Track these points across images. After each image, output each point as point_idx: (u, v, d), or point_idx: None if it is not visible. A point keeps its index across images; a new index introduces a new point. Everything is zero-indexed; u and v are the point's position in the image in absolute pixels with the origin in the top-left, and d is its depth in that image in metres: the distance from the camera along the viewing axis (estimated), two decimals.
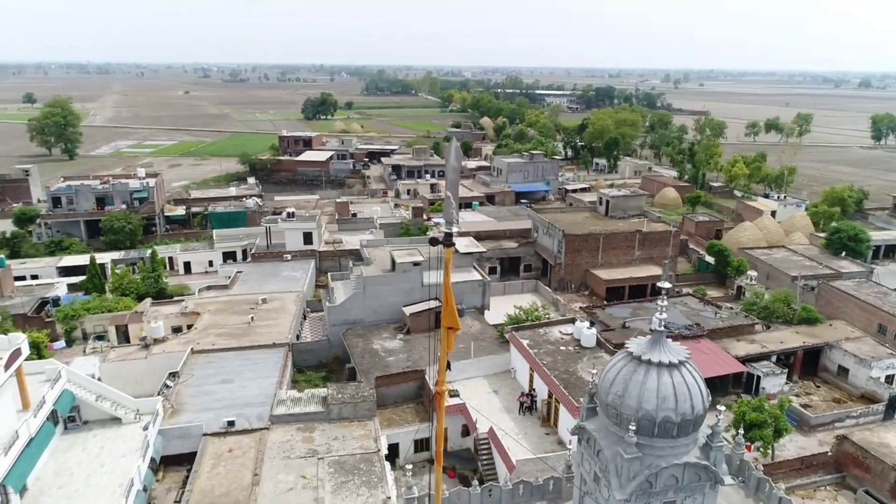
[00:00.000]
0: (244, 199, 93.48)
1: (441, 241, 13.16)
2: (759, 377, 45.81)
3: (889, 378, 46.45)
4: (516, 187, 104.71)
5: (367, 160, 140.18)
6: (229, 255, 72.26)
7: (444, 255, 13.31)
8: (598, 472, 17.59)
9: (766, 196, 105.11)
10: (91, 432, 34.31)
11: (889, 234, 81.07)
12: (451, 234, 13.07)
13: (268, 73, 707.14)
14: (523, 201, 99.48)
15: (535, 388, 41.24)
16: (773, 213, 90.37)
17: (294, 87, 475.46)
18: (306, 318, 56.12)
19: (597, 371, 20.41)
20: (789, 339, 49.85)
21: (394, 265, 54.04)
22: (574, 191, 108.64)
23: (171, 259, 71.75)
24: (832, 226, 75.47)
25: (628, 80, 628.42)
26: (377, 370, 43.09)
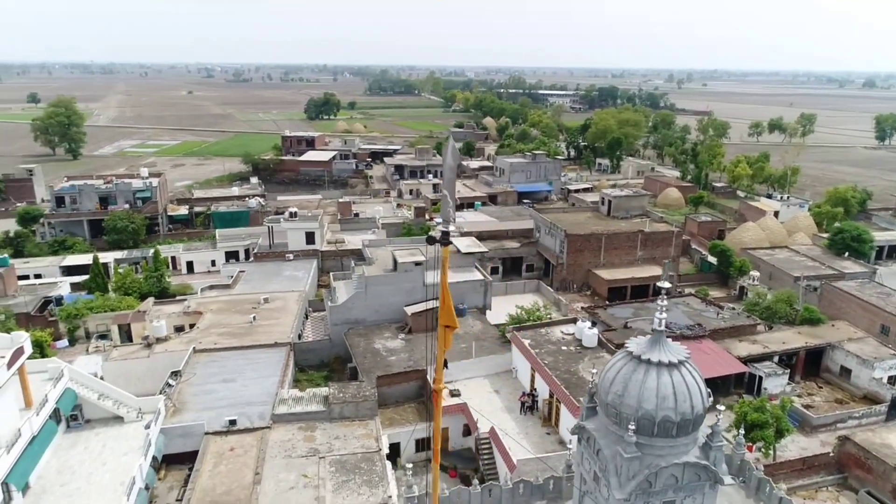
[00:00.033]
0: (247, 198, 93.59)
1: (438, 239, 13.18)
2: (761, 378, 45.79)
3: (892, 379, 46.35)
4: (519, 187, 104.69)
5: (370, 160, 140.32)
6: (232, 255, 72.47)
7: (441, 254, 13.34)
8: (598, 471, 17.59)
9: (769, 196, 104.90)
10: (93, 431, 34.47)
11: (892, 235, 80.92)
12: (447, 233, 13.09)
13: (271, 73, 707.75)
14: (526, 201, 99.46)
15: (536, 388, 41.24)
16: (776, 214, 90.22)
17: (297, 87, 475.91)
18: (308, 318, 56.20)
19: (597, 371, 20.40)
20: (791, 339, 49.78)
21: (396, 265, 54.12)
22: (576, 191, 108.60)
23: (173, 258, 71.96)
24: (835, 226, 75.31)
25: (631, 80, 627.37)
26: (379, 370, 43.18)
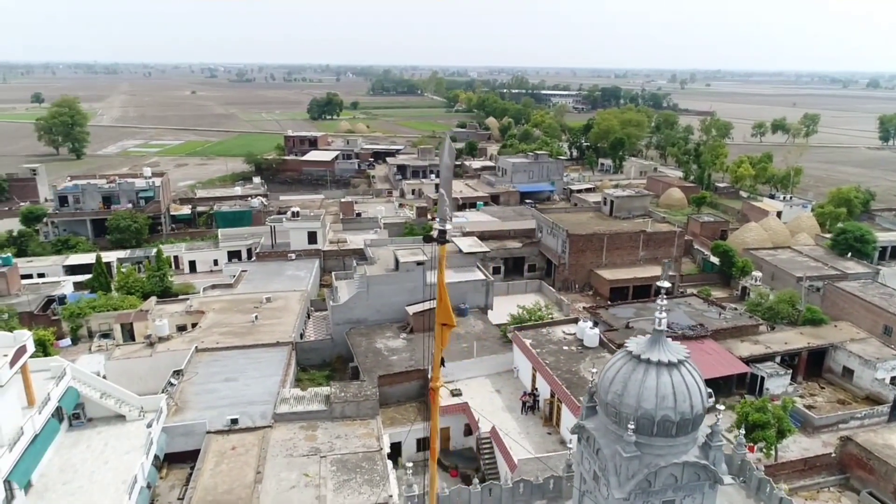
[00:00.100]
0: (249, 198, 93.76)
1: (435, 238, 13.19)
2: (763, 378, 45.73)
3: (894, 380, 46.21)
4: (521, 187, 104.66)
5: (373, 160, 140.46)
6: (234, 254, 72.57)
7: (438, 252, 13.35)
8: (598, 470, 17.60)
9: (772, 197, 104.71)
10: (95, 429, 34.57)
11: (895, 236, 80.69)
12: (444, 232, 13.09)
13: (274, 73, 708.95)
14: (528, 201, 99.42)
15: (537, 388, 41.23)
16: (779, 214, 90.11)
17: (300, 87, 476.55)
18: (310, 317, 56.24)
19: (597, 370, 20.41)
20: (794, 339, 49.69)
21: (397, 265, 54.14)
22: (579, 191, 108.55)
23: (176, 258, 72.05)
24: (838, 227, 75.14)
25: (635, 80, 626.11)
26: (380, 369, 43.20)
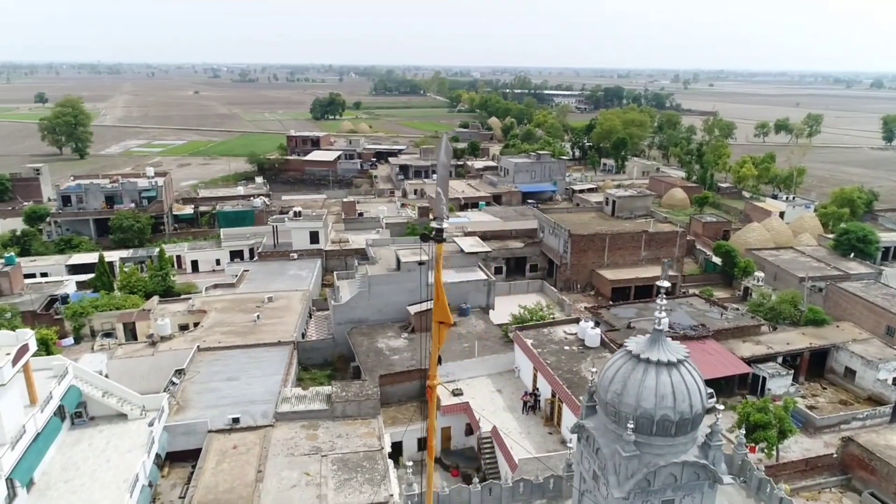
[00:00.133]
0: (252, 198, 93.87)
1: (431, 236, 13.16)
2: (764, 378, 45.67)
3: None
4: (523, 187, 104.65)
5: (375, 160, 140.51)
6: (236, 254, 72.69)
7: (435, 251, 13.32)
8: (597, 470, 17.61)
9: (775, 197, 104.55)
10: (97, 428, 34.65)
11: None
12: (441, 230, 13.05)
13: (277, 73, 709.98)
14: (530, 201, 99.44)
15: (538, 388, 41.23)
16: (782, 214, 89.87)
17: (303, 87, 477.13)
18: (312, 317, 56.31)
19: (597, 370, 20.42)
20: (796, 340, 49.64)
21: (399, 264, 54.15)
22: (581, 191, 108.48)
23: (178, 257, 72.19)
24: (841, 227, 75.01)
25: (637, 80, 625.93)
26: (381, 369, 43.25)
